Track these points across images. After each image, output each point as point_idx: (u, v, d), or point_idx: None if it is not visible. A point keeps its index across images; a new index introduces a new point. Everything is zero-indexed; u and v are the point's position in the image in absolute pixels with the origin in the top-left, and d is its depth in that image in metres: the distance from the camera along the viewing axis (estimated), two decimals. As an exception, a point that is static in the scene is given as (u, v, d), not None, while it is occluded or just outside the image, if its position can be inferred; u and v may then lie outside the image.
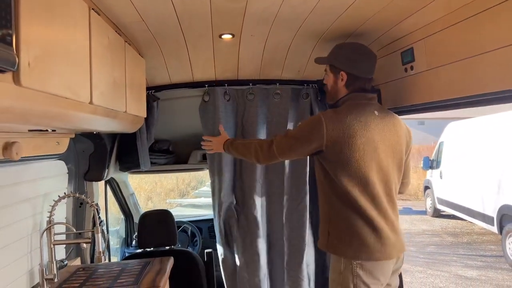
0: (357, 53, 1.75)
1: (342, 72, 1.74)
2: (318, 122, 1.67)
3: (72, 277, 1.91)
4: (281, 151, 1.78)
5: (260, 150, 1.83)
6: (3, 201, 1.58)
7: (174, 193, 11.11)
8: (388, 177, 1.70)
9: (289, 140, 1.77)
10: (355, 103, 1.72)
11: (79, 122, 1.24)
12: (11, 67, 0.74)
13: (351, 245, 1.64)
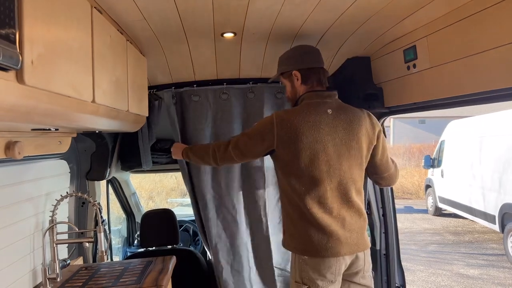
0: (298, 51, 1.82)
1: (294, 72, 1.79)
2: (270, 121, 1.72)
3: (74, 276, 1.91)
4: (237, 151, 1.81)
5: (218, 151, 1.86)
6: (6, 201, 1.58)
7: (175, 192, 11.12)
8: (343, 176, 1.70)
9: (243, 139, 1.81)
10: (307, 103, 1.76)
11: (82, 121, 1.24)
12: (15, 65, 0.74)
13: (299, 241, 1.71)
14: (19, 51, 0.76)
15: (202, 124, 2.32)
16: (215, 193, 2.34)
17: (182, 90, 2.33)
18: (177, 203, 9.07)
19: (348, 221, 1.71)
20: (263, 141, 1.74)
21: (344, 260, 1.70)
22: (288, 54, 1.85)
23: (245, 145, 1.81)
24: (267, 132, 1.72)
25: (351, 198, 1.72)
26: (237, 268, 2.32)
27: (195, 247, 3.21)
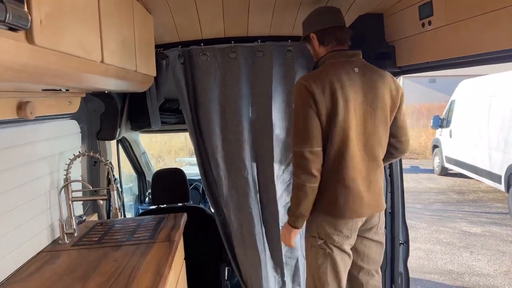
0: (314, 14, 1.81)
1: (311, 34, 1.79)
2: (304, 88, 1.66)
3: (91, 231, 1.99)
4: (305, 142, 1.65)
5: (302, 170, 1.66)
6: (22, 159, 1.62)
7: (183, 152, 11.26)
8: (369, 136, 1.71)
9: (302, 126, 1.67)
10: (333, 63, 1.72)
11: (91, 81, 1.24)
12: (24, 25, 0.73)
13: (323, 202, 1.71)
14: (28, 10, 0.75)
15: (211, 84, 2.30)
16: (225, 153, 2.35)
17: (190, 49, 2.28)
18: (185, 162, 9.23)
19: (373, 182, 1.75)
20: (312, 110, 1.64)
21: (361, 220, 1.76)
22: (306, 18, 1.84)
23: (308, 131, 1.65)
24: (308, 98, 1.64)
25: (377, 158, 1.75)
26: (247, 227, 2.37)
27: (205, 204, 3.30)
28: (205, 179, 2.39)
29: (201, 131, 2.35)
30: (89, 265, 1.58)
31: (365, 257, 1.86)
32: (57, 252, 1.73)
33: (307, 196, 1.68)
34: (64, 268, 1.56)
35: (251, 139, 2.39)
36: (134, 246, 1.75)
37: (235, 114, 2.33)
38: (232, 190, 2.37)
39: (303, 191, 1.68)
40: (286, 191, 2.46)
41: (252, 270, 2.39)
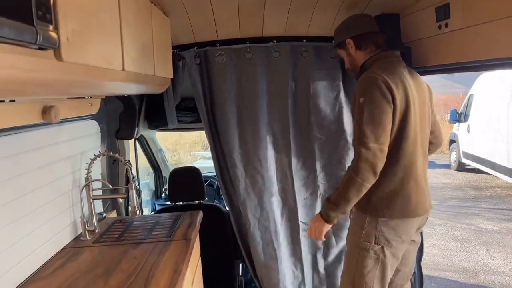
0: (349, 20, 1.86)
1: (347, 40, 1.82)
2: (382, 81, 1.61)
3: (110, 228, 2.07)
4: (380, 138, 1.58)
5: (367, 168, 1.57)
6: (46, 160, 1.69)
7: (198, 145, 11.37)
8: (423, 133, 1.76)
9: (378, 121, 1.59)
10: (387, 61, 1.74)
11: (112, 88, 1.28)
12: (53, 45, 0.77)
13: (393, 202, 1.67)
14: (55, 30, 0.79)
15: (226, 84, 2.33)
16: (243, 151, 2.39)
17: (205, 50, 2.32)
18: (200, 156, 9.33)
19: (427, 179, 1.79)
20: (389, 105, 1.60)
21: (418, 220, 1.75)
22: (339, 26, 1.89)
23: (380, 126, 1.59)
24: (386, 92, 1.60)
25: (427, 155, 1.80)
26: (264, 223, 2.41)
27: (219, 201, 3.35)
28: (221, 177, 2.44)
29: (217, 130, 2.40)
30: (110, 262, 1.64)
31: (405, 260, 1.85)
32: (80, 249, 1.80)
33: (359, 196, 1.62)
34: (86, 265, 1.63)
35: (268, 137, 2.42)
36: (153, 244, 1.81)
37: (251, 114, 2.36)
38: (249, 188, 2.41)
39: (357, 190, 1.60)
40: (304, 187, 2.49)
41: (268, 265, 2.44)
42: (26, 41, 0.69)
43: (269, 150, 2.42)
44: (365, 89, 1.64)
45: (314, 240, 2.46)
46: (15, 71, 0.71)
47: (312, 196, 2.48)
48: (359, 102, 1.63)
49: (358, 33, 1.80)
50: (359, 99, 1.64)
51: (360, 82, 1.69)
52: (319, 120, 2.43)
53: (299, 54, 2.36)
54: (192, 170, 2.61)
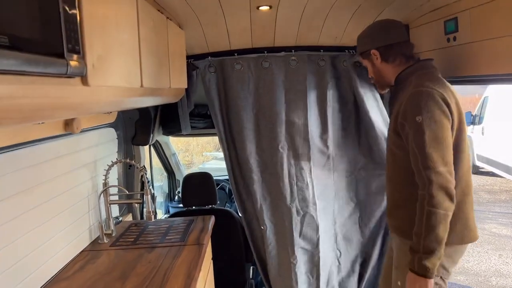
0: (376, 28, 1.72)
1: (372, 51, 1.68)
2: (440, 96, 1.45)
3: (126, 231, 2.15)
4: (447, 160, 1.43)
5: (446, 197, 1.40)
6: (67, 168, 1.78)
7: (210, 145, 11.47)
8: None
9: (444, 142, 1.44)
10: (428, 73, 1.59)
11: (131, 104, 1.35)
12: (81, 73, 0.85)
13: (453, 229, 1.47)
14: (83, 59, 0.86)
15: (244, 93, 2.40)
16: (260, 158, 2.45)
17: (223, 59, 2.39)
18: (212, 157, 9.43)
19: None
20: (449, 123, 1.46)
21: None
22: (365, 32, 1.74)
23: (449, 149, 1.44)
24: (446, 109, 1.45)
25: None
26: (280, 229, 2.47)
27: (231, 204, 3.42)
28: (235, 183, 2.51)
29: (232, 137, 2.47)
30: (127, 265, 1.72)
31: None
32: (97, 252, 1.88)
33: (447, 229, 1.40)
34: (104, 268, 1.71)
35: (286, 144, 2.47)
36: (167, 248, 1.89)
37: (268, 122, 2.43)
38: (266, 195, 2.47)
39: (444, 223, 1.39)
40: (321, 196, 2.52)
41: (283, 271, 2.49)
42: (58, 73, 0.76)
43: (287, 157, 2.47)
44: (421, 106, 1.45)
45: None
46: (46, 100, 0.78)
47: (328, 204, 2.52)
48: (416, 121, 1.45)
49: (385, 44, 1.66)
50: (416, 118, 1.45)
51: (414, 98, 1.48)
52: (335, 128, 2.48)
53: (315, 63, 2.42)
54: (205, 176, 2.68)
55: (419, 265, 1.42)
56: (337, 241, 2.54)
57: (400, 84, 1.66)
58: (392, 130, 1.62)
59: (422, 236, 1.41)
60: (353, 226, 2.57)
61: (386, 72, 1.70)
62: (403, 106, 1.52)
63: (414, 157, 1.47)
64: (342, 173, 2.51)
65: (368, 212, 2.53)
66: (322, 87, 2.44)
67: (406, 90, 1.57)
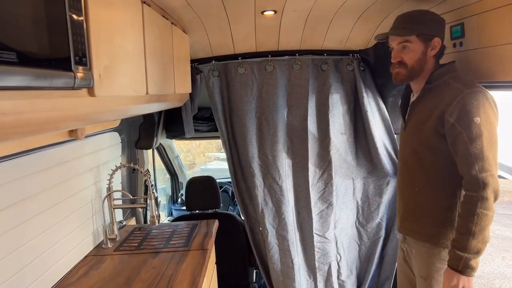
0: (437, 17, 1.59)
1: (436, 38, 1.54)
2: (492, 100, 1.45)
3: (130, 236, 2.14)
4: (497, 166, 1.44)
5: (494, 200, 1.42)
6: (71, 173, 1.78)
7: (212, 146, 11.47)
8: None
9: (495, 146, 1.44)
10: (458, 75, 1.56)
11: (136, 111, 1.35)
12: (88, 85, 0.84)
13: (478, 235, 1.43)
14: (90, 71, 0.86)
15: (247, 96, 2.41)
16: (262, 162, 2.46)
17: (226, 63, 2.39)
18: (214, 157, 9.43)
19: None
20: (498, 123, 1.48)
21: None
22: (432, 16, 1.57)
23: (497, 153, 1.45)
24: (497, 114, 1.47)
25: None
26: (281, 233, 2.47)
27: (234, 207, 3.42)
28: (237, 187, 2.51)
29: (235, 141, 2.46)
30: (131, 271, 1.72)
31: None
32: (102, 257, 1.88)
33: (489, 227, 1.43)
34: (108, 273, 1.71)
35: (287, 148, 2.48)
36: (171, 254, 1.88)
37: (271, 125, 2.43)
38: (268, 198, 2.48)
39: (488, 223, 1.41)
40: (320, 200, 2.53)
41: (285, 273, 2.49)
42: (65, 86, 0.76)
43: (287, 161, 2.48)
44: (479, 107, 1.42)
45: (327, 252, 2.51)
46: (53, 113, 0.78)
47: (328, 209, 2.51)
48: (474, 122, 1.41)
49: (443, 41, 1.58)
50: (474, 119, 1.41)
51: (470, 99, 1.42)
52: (336, 133, 2.47)
53: (319, 67, 2.42)
54: (208, 180, 2.68)
55: (465, 264, 1.41)
56: (337, 245, 2.54)
57: (433, 82, 1.57)
58: (428, 130, 1.54)
59: (472, 237, 1.40)
60: (353, 230, 2.58)
61: (428, 66, 1.58)
62: (455, 105, 1.44)
63: (465, 159, 1.43)
64: (342, 177, 2.51)
65: (367, 215, 2.53)
66: (324, 92, 2.44)
67: (449, 90, 1.49)
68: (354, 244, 2.57)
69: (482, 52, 1.54)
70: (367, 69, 2.41)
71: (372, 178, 2.51)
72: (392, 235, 2.51)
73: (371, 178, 2.51)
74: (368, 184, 2.52)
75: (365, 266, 2.57)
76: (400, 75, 1.60)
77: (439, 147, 1.52)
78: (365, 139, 2.48)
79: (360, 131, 2.51)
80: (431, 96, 1.57)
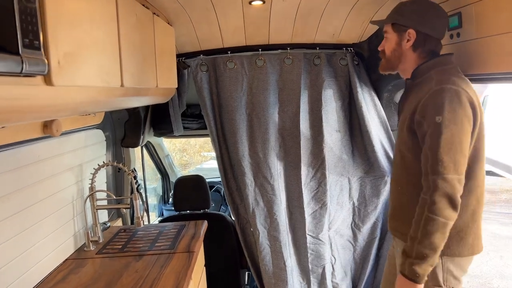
0: (428, 8, 1.49)
1: (410, 30, 1.47)
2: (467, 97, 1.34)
3: (114, 238, 2.05)
4: (459, 167, 1.33)
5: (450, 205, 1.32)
6: (49, 172, 1.68)
7: (208, 145, 11.37)
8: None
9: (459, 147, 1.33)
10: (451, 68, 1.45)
11: (111, 104, 1.26)
12: (41, 71, 0.75)
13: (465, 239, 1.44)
14: (44, 56, 0.77)
15: (237, 92, 2.31)
16: (253, 161, 2.36)
17: (215, 57, 2.29)
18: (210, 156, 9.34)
19: None
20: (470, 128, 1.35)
21: None
22: (413, 6, 1.50)
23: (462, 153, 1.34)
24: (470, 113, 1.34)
25: None
26: (273, 234, 2.38)
27: (226, 207, 3.33)
28: (227, 187, 2.42)
29: (225, 138, 2.37)
30: (112, 275, 1.63)
31: None
32: (82, 260, 1.79)
33: (445, 238, 1.34)
34: (88, 278, 1.62)
35: (279, 146, 2.40)
36: (155, 256, 1.79)
37: (262, 122, 2.34)
38: (259, 197, 2.39)
39: (442, 232, 1.32)
40: (313, 199, 2.44)
41: (277, 276, 2.41)
42: (10, 71, 0.67)
43: (279, 159, 2.39)
44: (444, 105, 1.33)
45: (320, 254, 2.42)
46: (0, 101, 0.69)
47: (322, 209, 2.42)
48: (435, 121, 1.33)
49: (425, 32, 1.47)
50: (435, 117, 1.33)
51: (437, 96, 1.35)
52: (330, 130, 2.38)
53: (311, 61, 2.33)
54: (197, 179, 2.59)
55: (410, 269, 1.36)
56: (331, 247, 2.45)
57: (418, 78, 1.50)
58: (405, 128, 1.48)
59: (416, 241, 1.35)
60: (348, 231, 2.49)
61: (405, 59, 1.52)
62: (423, 102, 1.39)
63: (425, 158, 1.38)
64: (337, 176, 2.42)
65: (363, 216, 2.44)
66: (317, 87, 2.35)
67: (426, 86, 1.42)
68: (349, 245, 2.48)
69: (482, 42, 1.46)
70: (361, 63, 2.33)
71: (369, 178, 2.42)
72: (388, 235, 2.43)
73: (368, 178, 2.43)
74: (365, 184, 2.43)
75: (360, 268, 2.48)
76: (381, 65, 1.60)
77: (415, 146, 1.46)
78: (360, 136, 2.40)
79: (355, 128, 2.42)
80: (415, 92, 1.49)
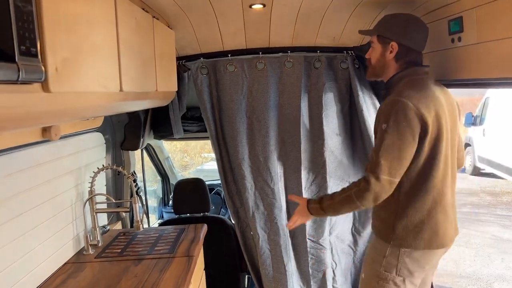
0: (410, 23, 1.62)
1: (393, 42, 1.59)
2: (411, 109, 1.45)
3: (114, 241, 2.05)
4: (393, 171, 1.48)
5: (369, 198, 1.50)
6: (48, 176, 1.68)
7: (209, 146, 11.36)
8: (452, 158, 1.63)
9: (397, 152, 1.47)
10: (416, 79, 1.58)
11: (110, 109, 1.26)
12: (39, 78, 0.75)
13: (414, 233, 1.57)
14: (41, 63, 0.76)
15: (238, 95, 2.30)
16: (253, 164, 2.35)
17: (215, 60, 2.28)
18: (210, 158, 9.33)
19: (455, 206, 1.67)
20: (414, 136, 1.47)
21: (444, 249, 1.65)
22: (397, 20, 1.62)
23: (399, 157, 1.48)
24: (414, 122, 1.45)
25: (456, 179, 1.67)
26: (274, 238, 2.37)
27: (226, 210, 3.32)
28: (227, 191, 2.40)
29: (225, 141, 2.36)
30: (111, 280, 1.62)
31: (423, 284, 1.75)
32: (81, 264, 1.78)
33: (350, 212, 1.69)
34: (87, 283, 1.61)
35: (279, 150, 2.38)
36: (155, 261, 1.79)
37: (262, 125, 2.32)
38: (259, 201, 2.37)
39: (352, 209, 1.61)
40: None
41: (277, 279, 2.39)
42: (6, 80, 0.66)
43: (280, 163, 2.38)
44: (390, 115, 1.48)
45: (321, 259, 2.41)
46: (-3, 110, 0.68)
47: None
48: (382, 127, 1.49)
49: (408, 45, 1.59)
50: (382, 124, 1.49)
51: (387, 106, 1.51)
52: (331, 134, 2.37)
53: (311, 64, 2.32)
54: (197, 182, 2.58)
55: (314, 207, 1.68)
56: (332, 252, 2.44)
57: (391, 88, 1.63)
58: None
59: (332, 201, 1.62)
60: (348, 236, 2.49)
61: (388, 68, 1.65)
62: (379, 109, 1.59)
63: (370, 156, 1.56)
64: (337, 180, 2.41)
65: (364, 220, 2.43)
66: (317, 90, 2.34)
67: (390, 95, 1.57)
68: (349, 250, 2.47)
69: (483, 47, 1.45)
70: (362, 66, 2.32)
71: None
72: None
73: None
74: None
75: (360, 272, 2.47)
76: (367, 72, 1.74)
77: None
78: (361, 140, 2.38)
79: (356, 131, 2.41)
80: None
